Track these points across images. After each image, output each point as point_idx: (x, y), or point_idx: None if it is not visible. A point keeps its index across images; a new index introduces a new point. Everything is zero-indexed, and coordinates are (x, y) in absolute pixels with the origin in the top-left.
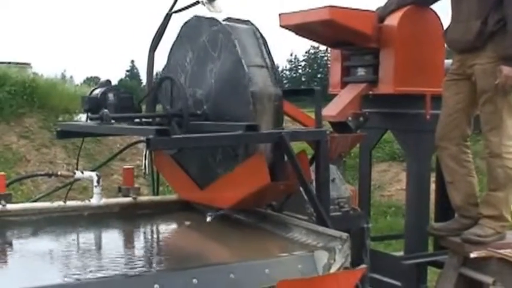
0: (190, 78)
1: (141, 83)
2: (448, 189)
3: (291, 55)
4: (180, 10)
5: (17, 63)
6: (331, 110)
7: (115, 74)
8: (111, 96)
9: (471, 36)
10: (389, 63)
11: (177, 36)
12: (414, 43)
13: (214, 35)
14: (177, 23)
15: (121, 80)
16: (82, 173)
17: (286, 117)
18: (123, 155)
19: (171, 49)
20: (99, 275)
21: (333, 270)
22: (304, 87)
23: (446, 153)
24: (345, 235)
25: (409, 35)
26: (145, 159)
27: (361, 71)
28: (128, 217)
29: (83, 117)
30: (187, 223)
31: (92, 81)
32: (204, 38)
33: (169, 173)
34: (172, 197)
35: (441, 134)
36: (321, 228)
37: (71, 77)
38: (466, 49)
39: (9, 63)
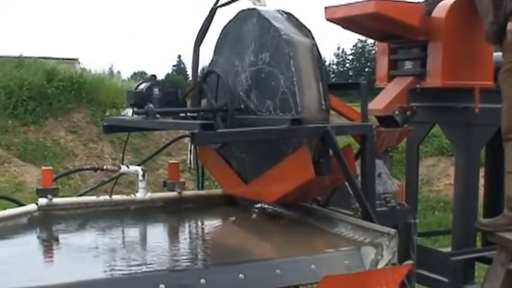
0: (237, 75)
1: (188, 77)
2: (506, 179)
3: (338, 49)
4: (225, 4)
5: (65, 59)
6: (377, 104)
7: (162, 69)
8: (156, 90)
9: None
10: (437, 56)
11: (225, 31)
12: (463, 35)
13: (269, 40)
14: (222, 17)
15: (168, 75)
16: (128, 167)
17: (331, 112)
18: (168, 149)
19: (218, 44)
20: (144, 269)
21: (380, 266)
22: (350, 81)
23: None
24: (392, 231)
25: (458, 27)
26: (190, 154)
27: (408, 64)
28: (173, 211)
29: (129, 112)
30: (232, 218)
31: (139, 76)
32: (256, 37)
33: (214, 167)
34: (217, 191)
35: (508, 126)
36: (367, 224)
37: (118, 72)
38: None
39: (58, 58)
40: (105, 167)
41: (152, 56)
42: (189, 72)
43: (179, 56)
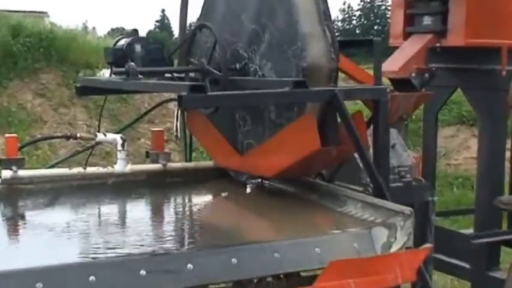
0: (230, 28)
1: (173, 35)
2: None
3: (344, 3)
4: None
5: (33, 12)
6: (392, 65)
7: (143, 25)
8: (138, 47)
9: None
10: (460, 11)
11: None
12: None
13: None
14: None
15: (150, 32)
16: (105, 135)
17: (340, 74)
18: (151, 116)
19: None
20: (123, 253)
21: (393, 249)
22: (360, 38)
23: None
24: (407, 209)
25: None
26: (177, 121)
27: (427, 20)
28: (157, 186)
29: (106, 72)
30: (225, 194)
31: (117, 32)
32: None
33: (204, 136)
34: (208, 163)
35: None
36: (379, 201)
37: (94, 28)
38: None
39: (25, 12)
40: (78, 135)
41: (132, 11)
42: (175, 28)
43: (163, 11)
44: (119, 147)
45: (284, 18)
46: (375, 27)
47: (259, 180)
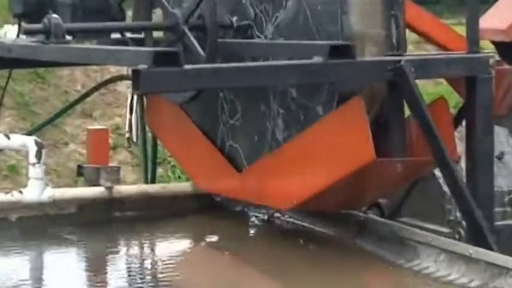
0: None
1: None
2: None
3: None
4: None
5: None
6: (496, 20)
7: None
8: None
9: None
10: None
11: None
12: None
13: None
14: None
15: None
16: (8, 137)
17: (411, 36)
18: (88, 105)
19: None
20: None
21: None
22: None
23: None
24: None
25: None
26: (130, 114)
27: None
28: (96, 225)
29: (11, 30)
30: (212, 240)
31: None
32: None
33: (176, 140)
34: (183, 186)
35: None
36: (477, 252)
37: None
38: None
39: None
40: None
41: None
42: None
43: None
44: (32, 158)
45: None
46: None
47: (272, 214)
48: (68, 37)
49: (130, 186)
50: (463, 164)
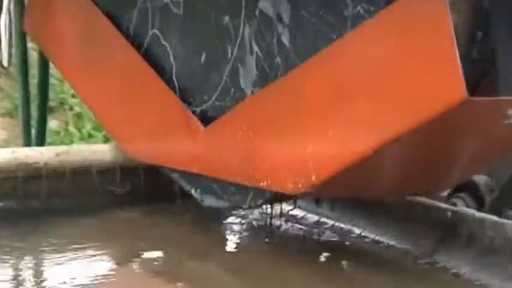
0: None
1: None
2: None
3: None
4: None
5: None
6: None
7: None
8: None
9: None
10: None
11: None
12: None
13: None
14: None
15: None
16: None
17: None
18: None
19: None
20: None
21: None
22: None
23: None
24: None
25: None
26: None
27: None
28: None
29: None
30: (155, 255)
31: None
32: None
33: (84, 61)
34: (98, 149)
35: None
36: None
37: None
38: None
39: None
40: None
41: None
42: None
43: None
44: None
45: None
46: None
47: (277, 206)
48: None
49: (3, 150)
50: None
